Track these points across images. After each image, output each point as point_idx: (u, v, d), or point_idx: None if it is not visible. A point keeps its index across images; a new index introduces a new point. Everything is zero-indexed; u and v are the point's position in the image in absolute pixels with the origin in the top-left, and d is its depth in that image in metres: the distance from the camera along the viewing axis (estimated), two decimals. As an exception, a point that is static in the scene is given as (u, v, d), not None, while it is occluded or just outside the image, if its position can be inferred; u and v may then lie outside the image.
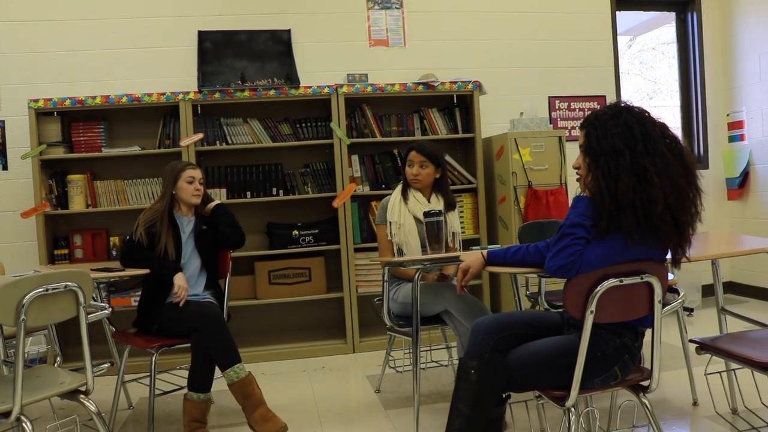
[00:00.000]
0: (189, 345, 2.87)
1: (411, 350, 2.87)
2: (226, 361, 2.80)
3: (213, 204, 3.29)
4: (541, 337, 2.11)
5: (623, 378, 2.04)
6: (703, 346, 2.27)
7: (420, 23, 4.94)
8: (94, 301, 3.04)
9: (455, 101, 4.67)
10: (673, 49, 5.73)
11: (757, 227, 5.24)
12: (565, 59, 5.17)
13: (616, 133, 1.92)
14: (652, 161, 1.89)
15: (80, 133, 4.26)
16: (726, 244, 3.01)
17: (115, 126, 4.44)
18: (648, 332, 2.05)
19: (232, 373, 2.78)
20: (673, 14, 5.65)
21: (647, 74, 6.62)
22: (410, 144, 3.23)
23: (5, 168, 4.40)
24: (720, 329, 2.87)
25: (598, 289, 1.86)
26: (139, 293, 3.25)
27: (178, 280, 3.00)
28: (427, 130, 4.63)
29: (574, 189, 2.29)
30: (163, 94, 4.23)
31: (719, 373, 2.66)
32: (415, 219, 3.12)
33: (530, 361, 2.02)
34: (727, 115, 5.52)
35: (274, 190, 4.42)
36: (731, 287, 5.52)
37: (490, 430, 2.12)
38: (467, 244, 3.82)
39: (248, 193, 4.39)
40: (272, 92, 4.35)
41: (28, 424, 2.04)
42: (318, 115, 4.51)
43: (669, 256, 2.02)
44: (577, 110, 5.21)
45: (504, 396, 2.15)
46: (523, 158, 4.39)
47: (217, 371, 2.84)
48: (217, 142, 4.37)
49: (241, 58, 4.55)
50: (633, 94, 6.25)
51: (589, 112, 2.07)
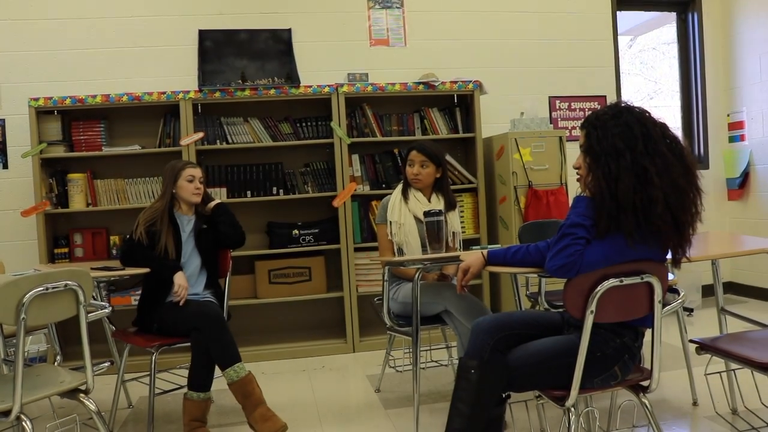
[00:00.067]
0: (189, 344, 2.87)
1: (411, 350, 2.87)
2: (226, 360, 2.80)
3: (213, 203, 3.29)
4: (541, 337, 2.11)
5: (623, 378, 2.04)
6: (703, 347, 2.27)
7: (421, 23, 4.94)
8: (94, 300, 3.04)
9: (456, 101, 4.67)
10: (673, 49, 5.73)
11: (758, 227, 5.23)
12: (565, 59, 5.17)
13: (616, 133, 1.92)
14: (653, 161, 1.89)
15: (80, 132, 4.26)
16: (726, 245, 3.01)
17: (116, 125, 4.44)
18: (648, 332, 2.05)
19: (232, 373, 2.78)
20: (674, 14, 5.65)
21: (648, 74, 6.62)
22: (411, 143, 3.24)
23: (5, 167, 4.40)
24: (720, 329, 2.87)
25: (599, 289, 1.86)
26: (139, 292, 3.25)
27: (178, 279, 3.00)
28: (428, 129, 4.63)
29: (574, 189, 2.30)
30: (164, 93, 4.23)
31: (719, 373, 2.66)
32: (416, 218, 3.12)
33: (530, 361, 2.02)
34: (728, 116, 5.52)
35: (275, 189, 4.42)
36: (731, 287, 5.52)
37: (490, 429, 2.12)
38: (467, 244, 3.82)
39: (248, 193, 4.39)
40: (273, 91, 4.35)
41: (28, 423, 2.04)
42: (318, 114, 4.51)
43: (669, 256, 2.02)
44: (578, 110, 5.21)
45: (504, 396, 2.15)
46: (524, 158, 4.39)
47: (217, 370, 2.84)
48: (218, 142, 4.37)
49: (242, 57, 4.54)
50: (633, 94, 6.25)
51: (590, 112, 2.07)
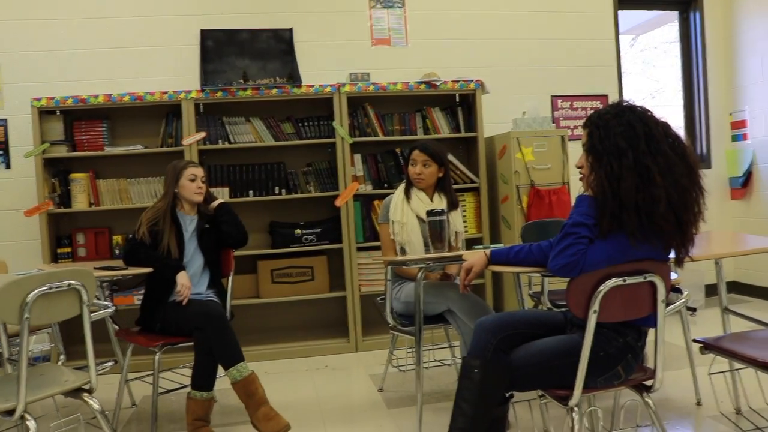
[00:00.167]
0: (192, 344, 2.87)
1: (414, 349, 2.87)
2: (229, 359, 2.80)
3: (216, 203, 3.29)
4: (544, 337, 2.10)
5: (626, 377, 2.03)
6: (707, 346, 2.27)
7: (422, 22, 4.94)
8: (98, 299, 3.05)
9: (458, 100, 4.67)
10: (675, 48, 5.72)
11: (761, 227, 5.23)
12: (567, 58, 5.17)
13: (618, 132, 1.92)
14: (655, 160, 1.88)
15: (83, 132, 4.27)
16: (729, 244, 3.00)
17: (118, 125, 4.45)
18: (651, 332, 2.05)
19: (235, 372, 2.78)
20: (676, 13, 5.65)
21: (650, 73, 6.61)
22: (413, 143, 3.24)
23: (8, 167, 4.40)
24: (723, 329, 2.87)
25: (601, 288, 1.85)
26: (142, 292, 3.26)
27: (181, 278, 3.00)
28: (430, 129, 4.63)
29: (576, 188, 2.29)
30: (166, 93, 4.23)
31: (723, 372, 2.66)
32: (418, 218, 3.11)
33: (533, 361, 2.02)
34: (730, 115, 5.52)
35: (277, 189, 4.42)
36: (735, 287, 5.51)
37: (493, 429, 2.12)
38: (470, 244, 3.82)
39: (251, 192, 4.39)
40: (274, 91, 4.35)
41: (32, 422, 2.04)
42: (320, 114, 4.51)
43: (672, 256, 2.02)
44: (580, 109, 5.21)
45: (507, 395, 2.15)
46: (526, 157, 4.39)
47: (220, 370, 2.84)
48: (220, 141, 4.37)
49: (244, 57, 4.55)
50: (635, 94, 6.24)
51: (592, 112, 2.06)
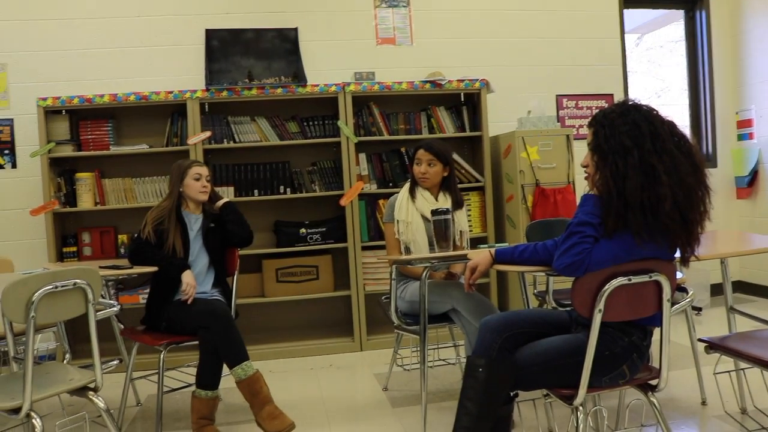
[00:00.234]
0: (197, 342, 2.88)
1: (418, 348, 2.87)
2: (233, 358, 2.81)
3: (222, 202, 3.30)
4: (549, 336, 2.10)
5: (632, 377, 2.03)
6: (712, 346, 2.26)
7: (427, 21, 4.93)
8: (103, 298, 3.06)
9: (463, 99, 4.66)
10: (681, 47, 5.70)
11: (767, 226, 5.20)
12: (572, 57, 5.16)
13: (624, 131, 1.91)
14: (661, 159, 1.88)
15: (88, 131, 4.28)
16: (735, 243, 2.99)
17: (123, 124, 4.46)
18: (657, 331, 2.04)
19: (240, 371, 2.79)
20: (682, 12, 5.62)
21: (655, 72, 6.59)
22: (418, 142, 3.23)
23: (14, 166, 4.42)
24: (729, 328, 2.86)
25: (607, 287, 1.85)
26: (148, 291, 3.26)
27: (186, 277, 3.01)
28: (435, 128, 4.62)
29: (582, 187, 2.29)
30: (171, 93, 4.24)
31: (728, 372, 2.64)
32: (423, 217, 3.11)
33: (538, 360, 2.02)
34: (736, 114, 5.49)
35: (282, 188, 4.43)
36: (740, 286, 5.49)
37: (498, 428, 2.12)
38: (475, 243, 3.81)
39: (256, 191, 4.40)
40: (279, 90, 4.35)
41: (38, 420, 2.05)
42: (325, 113, 4.52)
43: (678, 255, 2.01)
44: (585, 108, 5.20)
45: (512, 394, 2.14)
46: (531, 157, 4.38)
47: (225, 369, 2.84)
48: (225, 141, 4.38)
49: (249, 56, 4.55)
50: (641, 93, 6.23)
51: (597, 111, 2.06)
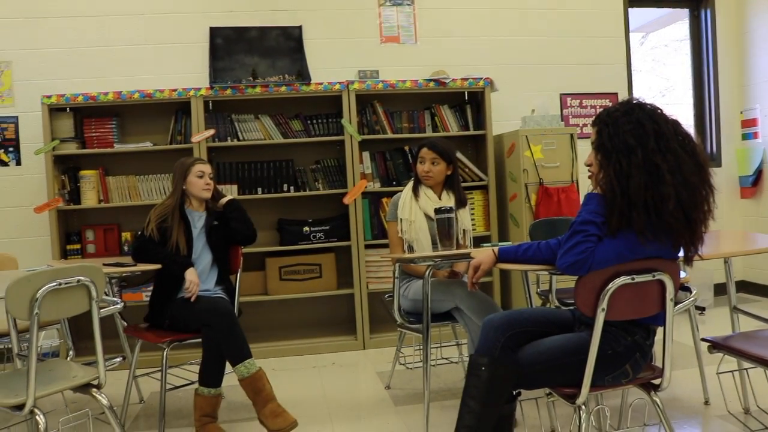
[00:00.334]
0: (200, 340, 2.89)
1: (421, 347, 2.87)
2: (236, 356, 2.81)
3: (225, 199, 3.30)
4: (552, 335, 2.10)
5: (634, 376, 2.03)
6: (716, 345, 2.26)
7: (431, 20, 4.93)
8: (106, 295, 3.06)
9: (466, 98, 4.66)
10: (686, 46, 5.68)
11: (771, 226, 5.20)
12: (577, 56, 5.15)
13: (628, 130, 1.91)
14: (665, 158, 1.87)
15: (92, 129, 4.29)
16: (739, 243, 2.98)
17: (127, 122, 4.47)
18: (660, 330, 2.04)
19: (243, 369, 2.79)
20: (687, 11, 5.61)
21: (660, 71, 6.58)
22: (421, 141, 3.23)
23: (19, 163, 4.43)
24: (732, 328, 2.85)
25: (610, 286, 1.85)
26: (151, 288, 3.27)
27: (190, 275, 3.01)
28: (438, 127, 4.62)
29: (585, 186, 2.29)
30: (175, 91, 4.25)
31: (731, 372, 2.64)
32: (426, 216, 3.11)
33: (541, 359, 2.02)
34: (741, 113, 5.48)
35: (285, 186, 4.43)
36: (744, 286, 5.48)
37: (500, 427, 2.12)
38: (478, 242, 3.81)
39: (259, 190, 4.40)
40: (283, 89, 4.35)
41: (41, 417, 2.06)
42: (329, 111, 4.52)
43: (681, 254, 2.01)
44: (589, 107, 5.19)
45: (514, 393, 2.14)
46: (535, 155, 4.37)
47: (228, 366, 2.85)
48: (229, 139, 4.39)
49: (253, 54, 4.55)
50: (645, 92, 6.20)
51: (601, 110, 2.06)
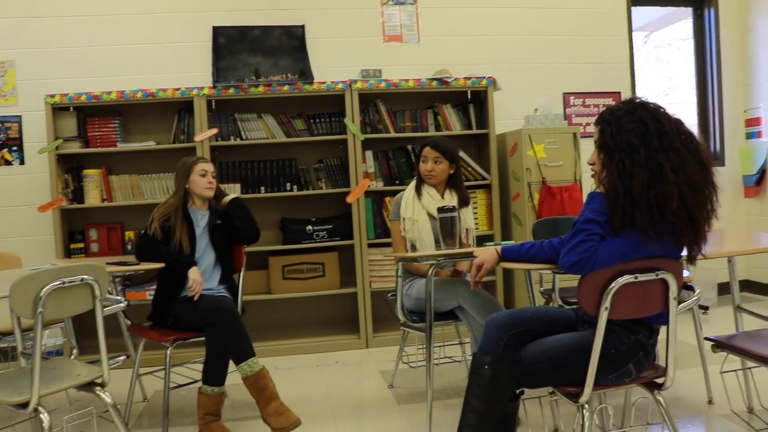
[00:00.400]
0: (203, 339, 2.89)
1: (424, 346, 2.87)
2: (240, 355, 2.81)
3: (229, 198, 3.30)
4: (555, 334, 2.10)
5: (638, 375, 2.03)
6: (719, 344, 2.26)
7: (434, 19, 4.93)
8: (110, 294, 3.07)
9: (469, 97, 4.66)
10: (689, 45, 5.67)
11: (774, 225, 5.19)
12: (580, 55, 5.14)
13: (630, 129, 1.91)
14: (667, 157, 1.87)
15: (96, 128, 4.30)
16: (742, 242, 2.98)
17: (130, 121, 4.48)
18: (663, 329, 2.04)
19: (246, 367, 2.79)
20: (690, 10, 5.59)
21: (663, 70, 6.57)
22: (424, 140, 3.23)
23: (22, 162, 4.44)
24: (736, 327, 2.85)
25: (613, 285, 1.85)
26: (154, 287, 3.27)
27: (193, 274, 3.01)
28: (441, 126, 4.62)
29: (588, 185, 2.29)
30: (178, 90, 4.25)
31: (735, 371, 2.64)
32: (429, 215, 3.11)
33: (544, 358, 2.02)
34: (744, 112, 5.47)
35: (288, 185, 4.43)
36: (747, 285, 5.47)
37: (503, 425, 2.12)
38: (481, 241, 3.81)
39: (262, 189, 4.40)
40: (286, 88, 4.36)
41: (45, 415, 2.07)
42: (332, 110, 4.52)
43: (684, 253, 2.01)
44: (592, 106, 5.18)
45: (517, 392, 2.14)
46: (538, 154, 4.37)
47: (231, 365, 2.85)
48: (232, 138, 4.39)
49: (255, 53, 4.56)
50: (648, 91, 6.20)
51: (604, 108, 2.05)
